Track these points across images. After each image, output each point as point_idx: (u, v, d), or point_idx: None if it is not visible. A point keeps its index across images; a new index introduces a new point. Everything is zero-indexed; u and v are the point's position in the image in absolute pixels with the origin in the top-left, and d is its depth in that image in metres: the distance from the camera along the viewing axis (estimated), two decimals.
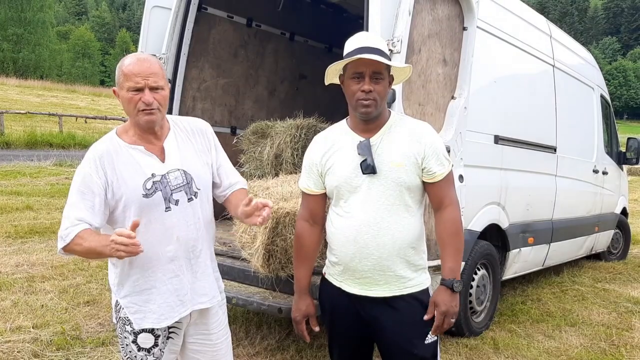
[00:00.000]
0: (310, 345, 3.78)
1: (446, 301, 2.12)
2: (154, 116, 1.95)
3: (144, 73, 1.92)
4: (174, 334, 2.08)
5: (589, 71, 6.49)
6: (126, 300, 2.03)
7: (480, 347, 4.01)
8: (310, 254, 2.32)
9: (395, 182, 2.08)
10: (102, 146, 1.98)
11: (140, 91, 1.92)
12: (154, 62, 1.98)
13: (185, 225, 2.02)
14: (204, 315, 2.13)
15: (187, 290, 2.05)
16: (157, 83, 1.94)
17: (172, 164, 2.02)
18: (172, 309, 2.02)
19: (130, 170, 1.96)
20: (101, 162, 1.94)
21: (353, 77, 2.06)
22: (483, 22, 3.97)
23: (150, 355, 2.04)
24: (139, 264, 1.98)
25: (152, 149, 2.01)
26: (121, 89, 1.95)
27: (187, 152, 2.08)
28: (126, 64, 1.95)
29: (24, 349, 3.58)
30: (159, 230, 1.97)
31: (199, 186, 2.06)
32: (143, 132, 2.01)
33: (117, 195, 1.94)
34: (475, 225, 4.05)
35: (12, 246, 6.21)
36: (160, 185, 1.97)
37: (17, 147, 17.14)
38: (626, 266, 6.90)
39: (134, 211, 1.94)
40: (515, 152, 4.57)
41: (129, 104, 1.94)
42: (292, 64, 5.95)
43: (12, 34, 55.04)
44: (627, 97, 75.78)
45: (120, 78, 1.95)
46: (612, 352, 4.04)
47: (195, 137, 2.14)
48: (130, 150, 1.99)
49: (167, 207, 1.98)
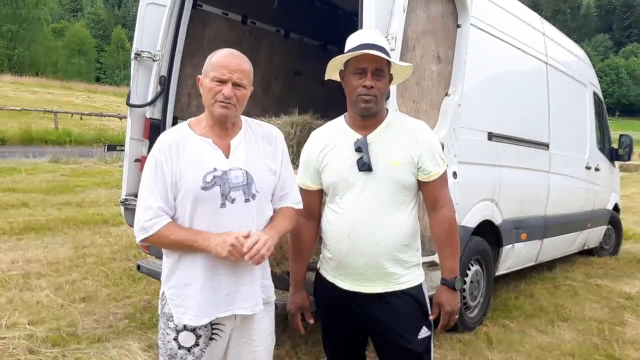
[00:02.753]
0: (306, 341, 3.80)
1: (449, 300, 2.17)
2: (229, 110, 1.96)
3: (232, 67, 1.94)
4: (217, 336, 2.04)
5: (582, 68, 6.53)
6: (170, 292, 2.01)
7: (473, 342, 4.04)
8: (306, 249, 2.34)
9: (391, 180, 2.10)
10: (171, 136, 2.01)
11: (223, 83, 1.94)
12: (244, 60, 2.00)
13: (238, 226, 1.97)
14: (248, 322, 2.09)
15: (230, 292, 2.01)
16: (242, 81, 1.96)
17: (235, 162, 2.00)
18: (210, 307, 1.98)
19: (194, 161, 1.96)
20: (169, 150, 1.95)
21: (355, 73, 2.07)
22: (477, 19, 3.99)
23: (190, 355, 2.01)
24: (187, 258, 1.98)
25: (219, 143, 2.01)
26: (206, 77, 1.97)
27: (253, 154, 2.06)
28: (217, 55, 1.98)
29: (20, 346, 3.58)
30: (211, 227, 1.95)
31: (258, 189, 2.02)
32: (215, 125, 2.01)
33: (179, 184, 1.94)
34: (469, 221, 4.08)
35: (7, 243, 6.20)
36: (220, 181, 1.96)
37: (13, 144, 17.10)
38: (618, 262, 6.96)
39: (190, 202, 1.94)
40: (509, 148, 4.60)
41: (209, 93, 1.96)
42: (286, 61, 5.95)
43: (7, 30, 54.77)
44: (619, 94, 75.90)
45: (208, 67, 1.97)
46: (605, 347, 4.08)
47: (264, 141, 2.11)
48: (198, 141, 1.99)
49: (223, 204, 1.96)
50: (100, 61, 74.60)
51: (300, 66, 6.04)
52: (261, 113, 5.26)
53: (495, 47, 4.44)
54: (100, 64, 74.53)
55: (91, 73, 68.53)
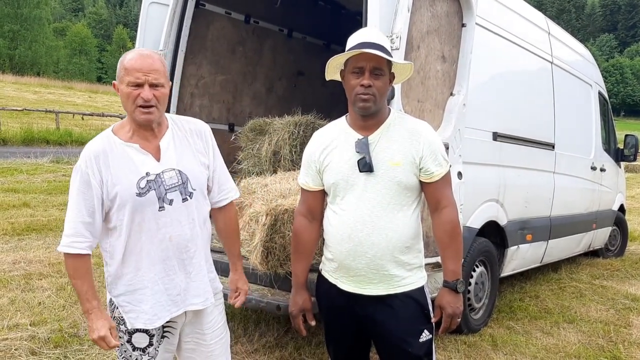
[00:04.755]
0: (309, 342, 3.78)
1: (451, 303, 2.14)
2: (152, 114, 1.93)
3: (145, 69, 1.90)
4: (168, 333, 2.07)
5: (587, 68, 6.49)
6: (120, 299, 2.01)
7: (478, 344, 4.01)
8: (308, 250, 2.32)
9: (392, 181, 2.07)
10: (96, 145, 1.96)
11: (140, 87, 1.90)
12: (156, 59, 1.96)
13: (179, 226, 2.00)
14: (198, 316, 2.12)
15: (180, 290, 2.03)
16: (158, 80, 1.92)
17: (167, 163, 2.00)
18: (164, 309, 2.01)
19: (125, 168, 1.94)
20: (96, 161, 1.92)
21: (353, 72, 2.05)
22: (482, 18, 3.96)
23: (145, 355, 2.03)
24: (132, 263, 1.97)
25: (147, 147, 1.99)
26: (121, 83, 1.93)
27: (184, 152, 2.05)
28: (128, 59, 1.93)
29: (22, 347, 3.57)
30: (152, 230, 1.96)
31: (194, 187, 2.04)
32: (140, 129, 1.98)
33: (112, 194, 1.92)
34: (474, 222, 4.05)
35: (9, 243, 6.19)
36: (154, 185, 1.95)
37: (14, 144, 17.08)
38: (624, 263, 6.91)
39: (128, 210, 1.92)
40: (514, 149, 4.57)
41: (128, 99, 1.92)
42: (290, 60, 5.93)
43: (8, 30, 54.85)
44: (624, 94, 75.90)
45: (121, 72, 1.92)
46: (610, 349, 4.05)
47: (193, 137, 2.11)
48: (125, 148, 1.96)
49: (161, 207, 1.96)
50: (102, 61, 74.67)
51: (304, 66, 6.02)
52: (265, 113, 5.25)
53: (501, 47, 4.41)
54: (102, 64, 74.59)
55: (92, 73, 68.68)
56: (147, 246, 1.96)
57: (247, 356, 3.61)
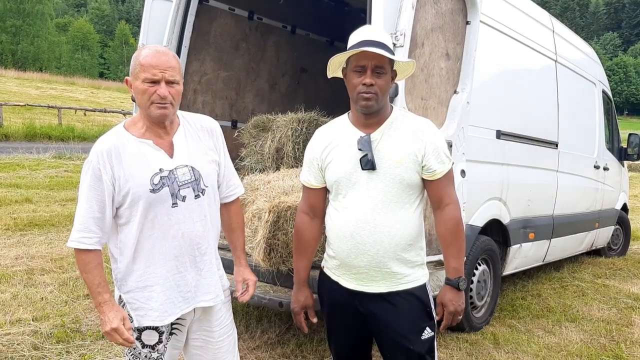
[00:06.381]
0: (311, 339, 3.78)
1: (453, 300, 2.14)
2: (167, 110, 1.93)
3: (162, 66, 1.90)
4: (177, 330, 2.07)
5: (591, 67, 6.47)
6: (128, 296, 2.01)
7: (480, 342, 4.01)
8: (310, 247, 2.32)
9: (395, 179, 2.07)
10: (108, 140, 1.95)
11: (156, 84, 1.90)
12: (171, 56, 1.96)
13: (192, 222, 2.00)
14: (207, 313, 2.12)
15: (191, 287, 2.03)
16: (174, 77, 1.93)
17: (180, 159, 1.99)
18: (174, 306, 2.00)
19: (138, 164, 1.93)
20: (108, 156, 1.91)
21: (355, 70, 2.05)
22: (486, 16, 3.95)
23: (154, 352, 2.03)
24: (142, 260, 1.97)
25: (160, 143, 1.98)
26: (136, 79, 1.92)
27: (196, 149, 2.06)
28: (144, 55, 1.92)
29: (24, 342, 3.57)
30: (165, 227, 1.95)
31: (207, 183, 2.04)
32: (153, 125, 1.98)
33: (124, 190, 1.91)
34: (477, 220, 4.05)
35: (11, 239, 6.20)
36: (167, 181, 1.95)
37: (16, 140, 17.11)
38: (626, 262, 6.90)
39: (141, 206, 1.91)
40: (517, 147, 4.56)
41: (143, 95, 1.91)
42: (293, 57, 5.92)
43: (10, 25, 54.82)
44: (627, 93, 75.66)
45: (137, 68, 1.91)
46: (612, 348, 4.04)
47: (204, 134, 2.11)
48: (138, 144, 1.96)
49: (174, 203, 1.95)
50: (104, 57, 74.69)
51: (307, 63, 6.01)
52: (268, 109, 5.24)
53: (505, 45, 4.40)
54: (104, 60, 74.62)
55: (95, 68, 68.67)
56: (159, 243, 1.95)
57: (249, 352, 3.62)
